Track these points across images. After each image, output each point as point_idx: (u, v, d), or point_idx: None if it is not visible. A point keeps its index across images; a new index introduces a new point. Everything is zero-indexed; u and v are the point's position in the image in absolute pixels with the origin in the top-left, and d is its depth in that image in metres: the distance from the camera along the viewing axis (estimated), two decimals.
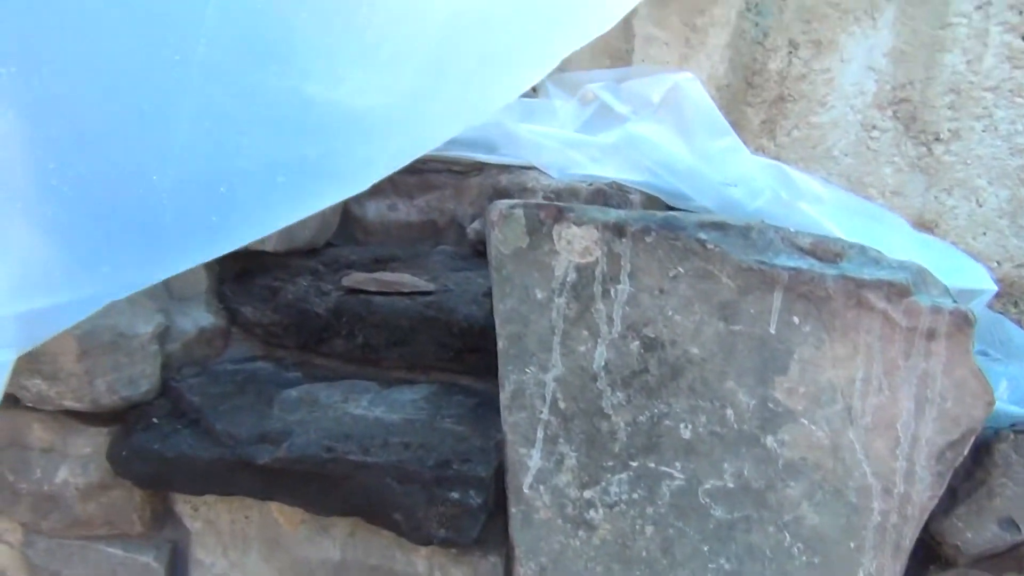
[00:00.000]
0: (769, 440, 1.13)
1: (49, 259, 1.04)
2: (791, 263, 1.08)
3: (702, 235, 1.11)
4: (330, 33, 1.14)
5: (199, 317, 1.65)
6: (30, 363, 1.38)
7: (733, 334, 1.12)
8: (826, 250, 1.11)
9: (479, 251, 1.83)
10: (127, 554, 1.52)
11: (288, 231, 1.73)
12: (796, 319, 1.09)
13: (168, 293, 1.59)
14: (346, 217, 1.98)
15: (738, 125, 1.77)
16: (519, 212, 1.19)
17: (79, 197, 1.03)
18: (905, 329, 1.05)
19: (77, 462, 1.48)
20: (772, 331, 1.10)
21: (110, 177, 1.05)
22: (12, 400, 1.44)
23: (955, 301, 1.06)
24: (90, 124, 1.02)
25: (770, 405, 1.12)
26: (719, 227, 1.12)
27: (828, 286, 1.06)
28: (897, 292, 1.04)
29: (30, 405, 1.45)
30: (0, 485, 1.53)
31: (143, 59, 1.03)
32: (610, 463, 1.21)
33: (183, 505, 1.52)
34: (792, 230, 1.13)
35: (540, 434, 1.24)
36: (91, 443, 1.48)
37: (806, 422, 1.11)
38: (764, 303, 1.10)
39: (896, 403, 1.07)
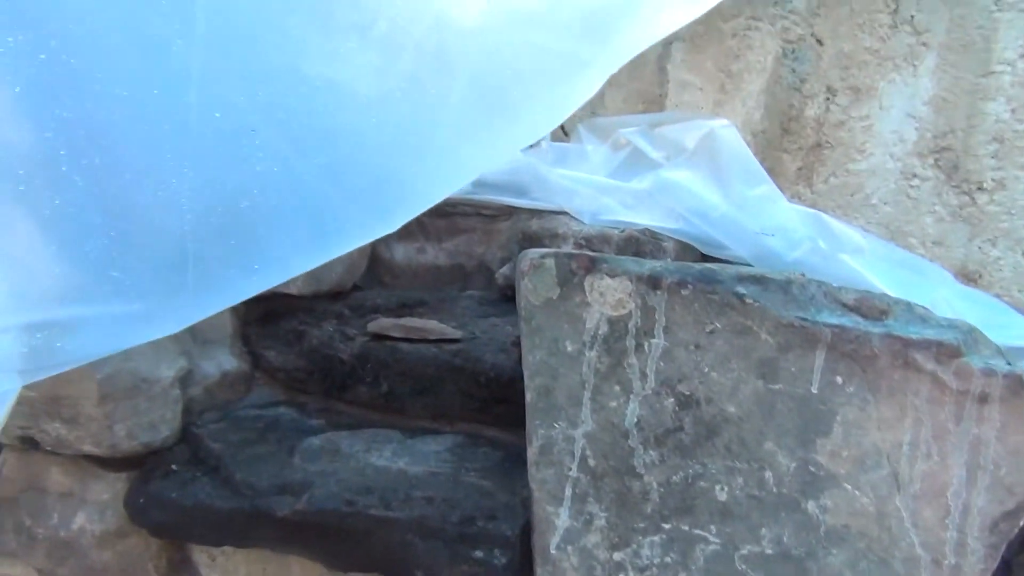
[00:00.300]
0: (810, 505, 1.08)
1: (54, 255, 0.99)
2: (834, 320, 1.04)
3: (740, 289, 1.07)
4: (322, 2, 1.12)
5: (223, 360, 1.63)
6: (50, 407, 1.37)
7: (772, 393, 1.07)
8: (871, 307, 1.06)
9: (507, 296, 1.80)
10: None
11: (314, 273, 1.71)
12: (840, 379, 1.04)
13: (192, 336, 1.57)
14: (374, 259, 1.97)
15: (774, 171, 1.74)
16: (550, 262, 1.16)
17: (92, 189, 0.99)
18: (956, 392, 0.99)
19: (94, 508, 1.46)
20: (814, 391, 1.05)
21: (124, 172, 1.01)
22: (31, 443, 1.43)
23: (1009, 363, 1.00)
24: (100, 107, 0.99)
25: (811, 468, 1.07)
26: (758, 281, 1.08)
27: (874, 345, 1.01)
28: (947, 353, 0.99)
29: (49, 449, 1.43)
30: (17, 529, 1.51)
31: (144, 35, 1.00)
32: (642, 524, 1.16)
33: (200, 555, 1.48)
34: (835, 285, 1.09)
35: (569, 492, 1.19)
36: (109, 489, 1.46)
37: (850, 487, 1.06)
38: (806, 361, 1.05)
39: (946, 470, 1.02)
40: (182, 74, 1.01)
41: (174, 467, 1.42)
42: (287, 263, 1.14)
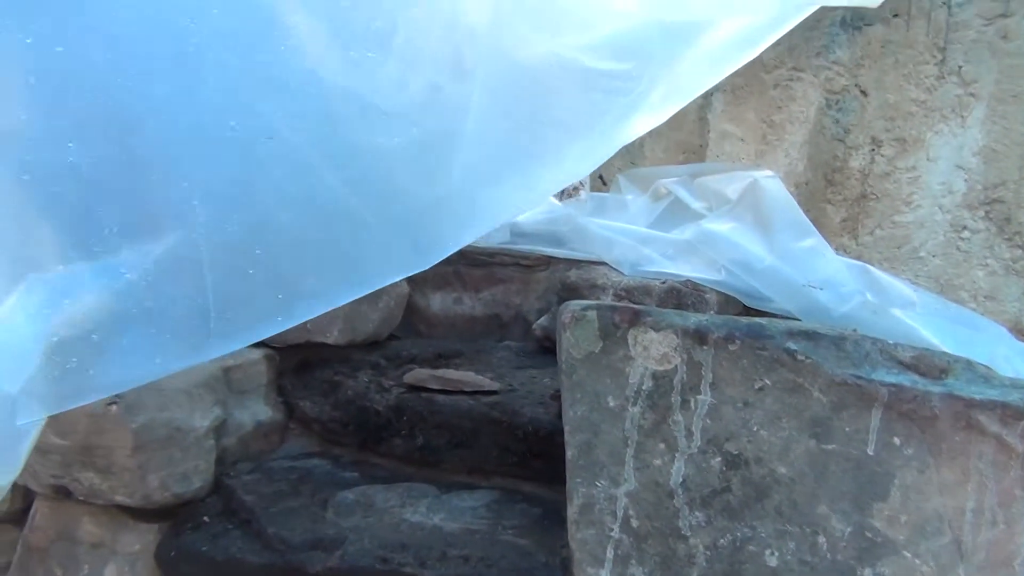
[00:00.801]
0: (867, 573, 1.02)
1: (52, 241, 0.96)
2: (891, 379, 1.00)
3: (791, 345, 1.03)
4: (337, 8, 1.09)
5: (257, 411, 1.62)
6: (84, 456, 1.35)
7: (826, 454, 1.03)
8: (930, 365, 1.02)
9: (545, 348, 1.77)
10: None
11: (351, 324, 1.70)
12: (897, 440, 1.00)
13: (227, 385, 1.56)
14: (410, 309, 1.95)
15: (818, 223, 1.70)
16: (592, 314, 1.13)
17: (103, 181, 0.96)
18: (1022, 456, 0.94)
19: (125, 560, 1.43)
20: (870, 452, 1.01)
21: (138, 167, 0.99)
22: (64, 493, 1.41)
23: None
24: (115, 101, 0.96)
25: (868, 534, 1.02)
26: (809, 336, 1.04)
27: (934, 405, 0.97)
28: (1012, 415, 0.94)
29: (81, 499, 1.41)
30: None
31: (160, 31, 0.98)
32: None
33: None
34: (891, 342, 1.04)
35: (610, 553, 1.14)
36: (140, 540, 1.43)
37: (909, 555, 1.00)
38: (861, 421, 1.01)
39: (1012, 538, 0.96)
40: (198, 71, 0.99)
41: (206, 519, 1.39)
42: (319, 295, 1.11)
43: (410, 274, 1.19)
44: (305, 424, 1.64)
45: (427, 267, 1.18)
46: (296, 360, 1.72)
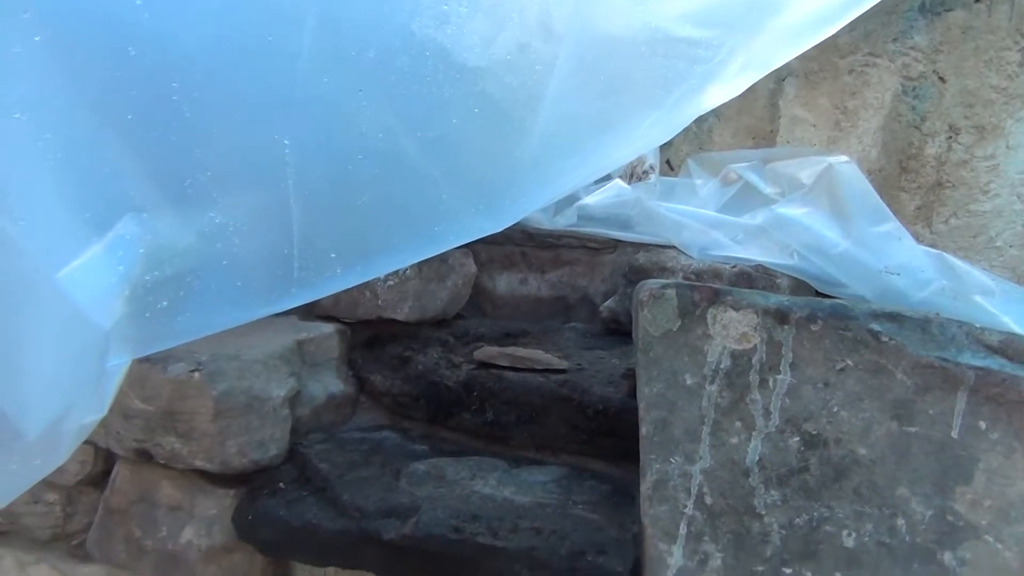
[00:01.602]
0: (947, 557, 1.02)
1: (148, 182, 0.98)
2: (977, 362, 0.99)
3: (875, 326, 1.03)
4: None
5: (329, 383, 1.65)
6: (166, 421, 1.40)
7: (908, 436, 1.03)
8: (1018, 349, 1.00)
9: (611, 330, 1.78)
10: None
11: (420, 301, 1.72)
12: (983, 424, 0.99)
13: (301, 358, 1.60)
14: (476, 290, 1.97)
15: (892, 211, 1.68)
16: (671, 292, 1.14)
17: (200, 122, 0.98)
18: None
19: (202, 523, 1.48)
20: (954, 435, 1.00)
21: (233, 110, 1.00)
22: (146, 456, 1.46)
23: None
24: (218, 43, 0.98)
25: (949, 518, 1.01)
26: (894, 318, 1.04)
27: (1022, 390, 0.96)
28: None
29: (162, 463, 1.45)
30: (127, 540, 1.54)
31: None
32: (760, 568, 1.11)
33: (304, 574, 1.49)
34: (978, 326, 1.03)
35: (683, 530, 1.15)
36: (217, 505, 1.48)
37: (991, 539, 1.00)
38: (945, 404, 1.00)
39: None
40: (299, 23, 1.01)
41: (281, 485, 1.43)
42: (396, 250, 1.13)
43: (483, 235, 1.20)
44: (375, 398, 1.67)
45: (499, 230, 1.19)
46: (367, 335, 1.75)
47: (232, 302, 1.02)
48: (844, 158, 1.57)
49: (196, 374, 1.37)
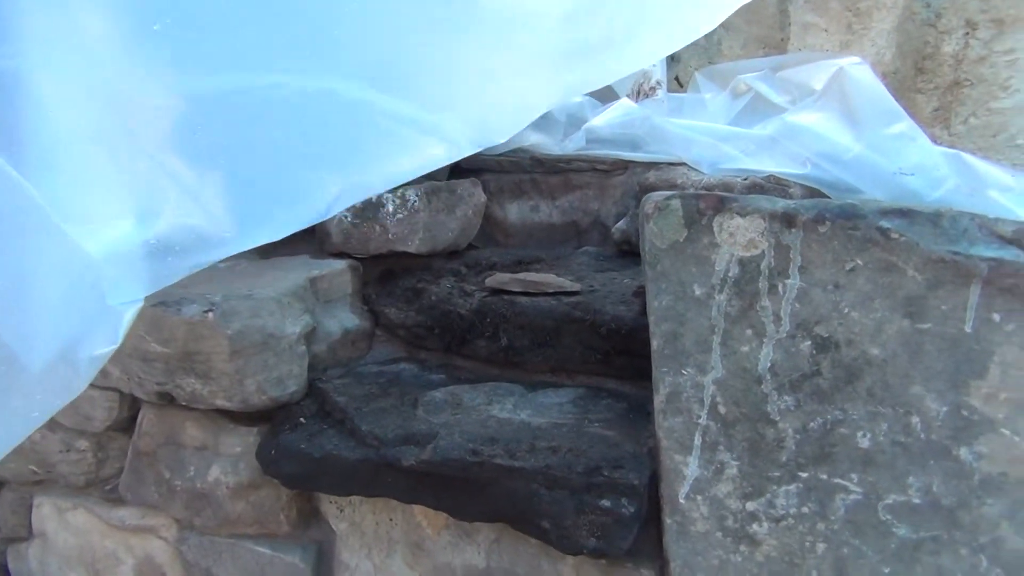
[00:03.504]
0: (963, 452, 1.01)
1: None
2: (991, 253, 0.96)
3: (884, 223, 1.00)
4: None
5: (344, 319, 1.66)
6: (184, 362, 1.41)
7: (920, 333, 1.01)
8: None
9: (624, 251, 1.76)
10: (274, 553, 1.53)
11: (431, 233, 1.71)
12: (997, 316, 0.97)
13: (315, 295, 1.60)
14: (487, 220, 1.96)
15: (909, 113, 1.64)
16: (676, 203, 1.12)
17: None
18: None
19: (228, 461, 1.51)
20: (968, 330, 0.98)
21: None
22: (168, 399, 1.48)
23: None
24: None
25: (964, 413, 1.00)
26: (904, 214, 1.01)
27: None
28: None
29: (184, 404, 1.48)
30: (158, 482, 1.58)
31: None
32: (776, 473, 1.11)
33: (328, 506, 1.52)
34: (991, 217, 1.00)
35: (698, 440, 1.15)
36: (241, 442, 1.50)
37: (1008, 432, 0.98)
38: (958, 298, 0.98)
39: None
40: None
41: (302, 420, 1.45)
42: (389, 166, 1.12)
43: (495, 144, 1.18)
44: (390, 331, 1.68)
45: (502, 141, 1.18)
46: (379, 270, 1.75)
47: (229, 234, 1.03)
48: (856, 59, 1.52)
49: (210, 314, 1.38)
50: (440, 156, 1.15)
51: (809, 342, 1.07)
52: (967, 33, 1.66)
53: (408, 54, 1.12)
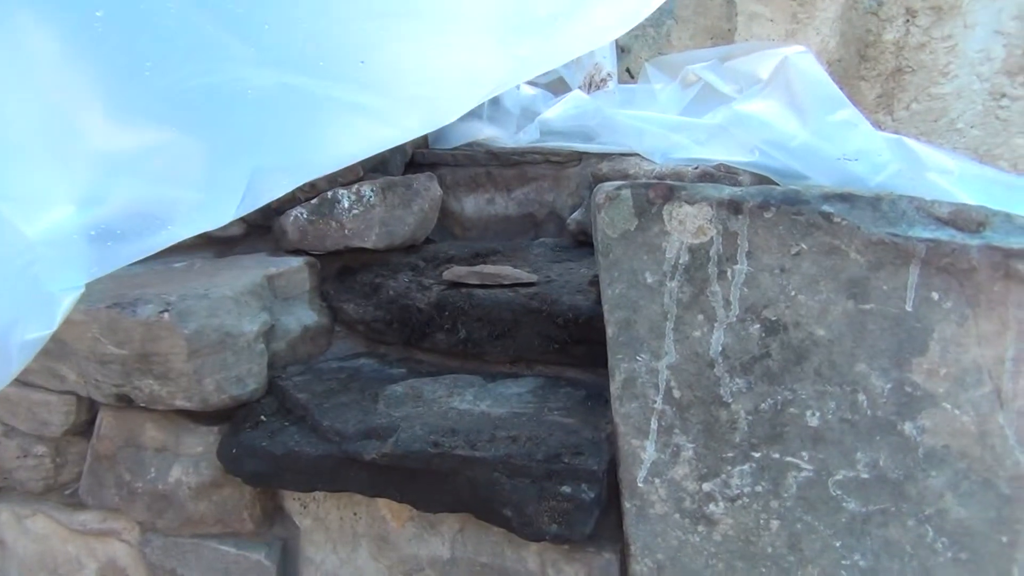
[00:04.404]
0: (907, 427, 1.04)
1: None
2: (928, 234, 1.00)
3: (827, 208, 1.03)
4: None
5: (303, 315, 1.66)
6: (142, 364, 1.41)
7: (863, 313, 1.04)
8: (967, 219, 1.01)
9: (580, 242, 1.79)
10: (239, 552, 1.53)
11: (387, 228, 1.72)
12: (935, 295, 1.00)
13: (272, 293, 1.60)
14: (444, 213, 1.97)
15: (852, 101, 1.67)
16: (626, 193, 1.14)
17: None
18: None
19: (189, 461, 1.50)
20: (908, 308, 1.02)
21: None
22: (126, 401, 1.47)
23: None
24: None
25: (907, 389, 1.04)
26: (845, 199, 1.04)
27: (972, 257, 0.97)
28: None
29: (143, 405, 1.47)
30: (118, 485, 1.57)
31: None
32: (731, 454, 1.14)
33: (292, 503, 1.52)
34: (928, 199, 1.04)
35: (654, 425, 1.18)
36: (202, 442, 1.50)
37: (949, 406, 1.02)
38: (898, 278, 1.02)
39: None
40: None
41: (263, 418, 1.45)
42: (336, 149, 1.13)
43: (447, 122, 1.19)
44: (350, 326, 1.68)
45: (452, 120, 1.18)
46: (337, 266, 1.75)
47: (172, 222, 1.02)
48: (800, 48, 1.56)
49: (166, 315, 1.37)
50: (389, 137, 1.15)
51: (758, 325, 1.10)
52: (907, 20, 1.71)
53: (351, 38, 1.12)
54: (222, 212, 1.05)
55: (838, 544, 1.10)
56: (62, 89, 0.97)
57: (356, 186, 1.67)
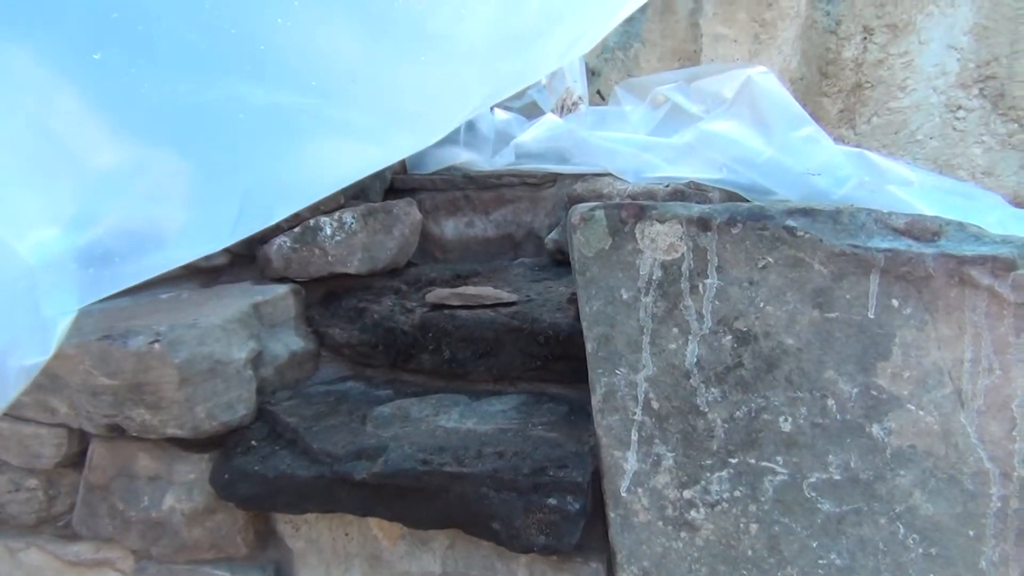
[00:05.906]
0: (875, 429, 1.09)
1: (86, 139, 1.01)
2: (886, 244, 1.05)
3: (790, 222, 1.09)
4: None
5: (289, 341, 1.69)
6: (134, 394, 1.43)
7: (829, 321, 1.09)
8: (923, 229, 1.07)
9: (558, 260, 1.83)
10: None
11: (370, 253, 1.76)
12: (895, 302, 1.06)
13: (259, 320, 1.63)
14: (424, 237, 2.01)
15: (815, 116, 1.74)
16: (600, 213, 1.19)
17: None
18: (1014, 305, 1.00)
19: (182, 488, 1.53)
20: (871, 316, 1.07)
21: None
22: (118, 431, 1.49)
23: None
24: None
25: (873, 392, 1.09)
26: (807, 213, 1.10)
27: (928, 265, 1.03)
28: (1003, 267, 1.00)
29: (135, 435, 1.49)
30: (112, 514, 1.59)
31: None
32: (709, 461, 1.18)
33: (284, 526, 1.55)
34: (885, 211, 1.10)
35: (635, 436, 1.22)
36: (194, 469, 1.52)
37: (913, 408, 1.07)
38: (860, 288, 1.07)
39: (1009, 383, 1.03)
40: None
41: (254, 443, 1.48)
42: (327, 172, 1.16)
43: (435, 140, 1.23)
44: (336, 351, 1.72)
45: (442, 136, 1.22)
46: (321, 292, 1.79)
47: (175, 243, 1.05)
48: (762, 69, 1.62)
49: (156, 345, 1.40)
50: (378, 157, 1.19)
51: (730, 336, 1.14)
52: (865, 38, 1.78)
53: (343, 57, 1.15)
54: (217, 235, 1.07)
55: (815, 544, 1.15)
56: (54, 111, 1.00)
57: (338, 213, 1.71)
